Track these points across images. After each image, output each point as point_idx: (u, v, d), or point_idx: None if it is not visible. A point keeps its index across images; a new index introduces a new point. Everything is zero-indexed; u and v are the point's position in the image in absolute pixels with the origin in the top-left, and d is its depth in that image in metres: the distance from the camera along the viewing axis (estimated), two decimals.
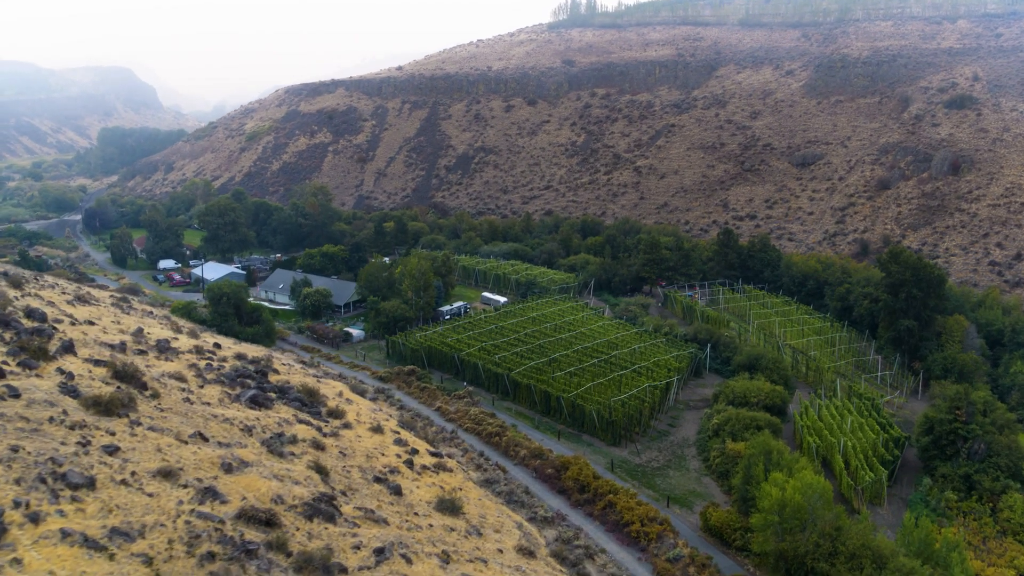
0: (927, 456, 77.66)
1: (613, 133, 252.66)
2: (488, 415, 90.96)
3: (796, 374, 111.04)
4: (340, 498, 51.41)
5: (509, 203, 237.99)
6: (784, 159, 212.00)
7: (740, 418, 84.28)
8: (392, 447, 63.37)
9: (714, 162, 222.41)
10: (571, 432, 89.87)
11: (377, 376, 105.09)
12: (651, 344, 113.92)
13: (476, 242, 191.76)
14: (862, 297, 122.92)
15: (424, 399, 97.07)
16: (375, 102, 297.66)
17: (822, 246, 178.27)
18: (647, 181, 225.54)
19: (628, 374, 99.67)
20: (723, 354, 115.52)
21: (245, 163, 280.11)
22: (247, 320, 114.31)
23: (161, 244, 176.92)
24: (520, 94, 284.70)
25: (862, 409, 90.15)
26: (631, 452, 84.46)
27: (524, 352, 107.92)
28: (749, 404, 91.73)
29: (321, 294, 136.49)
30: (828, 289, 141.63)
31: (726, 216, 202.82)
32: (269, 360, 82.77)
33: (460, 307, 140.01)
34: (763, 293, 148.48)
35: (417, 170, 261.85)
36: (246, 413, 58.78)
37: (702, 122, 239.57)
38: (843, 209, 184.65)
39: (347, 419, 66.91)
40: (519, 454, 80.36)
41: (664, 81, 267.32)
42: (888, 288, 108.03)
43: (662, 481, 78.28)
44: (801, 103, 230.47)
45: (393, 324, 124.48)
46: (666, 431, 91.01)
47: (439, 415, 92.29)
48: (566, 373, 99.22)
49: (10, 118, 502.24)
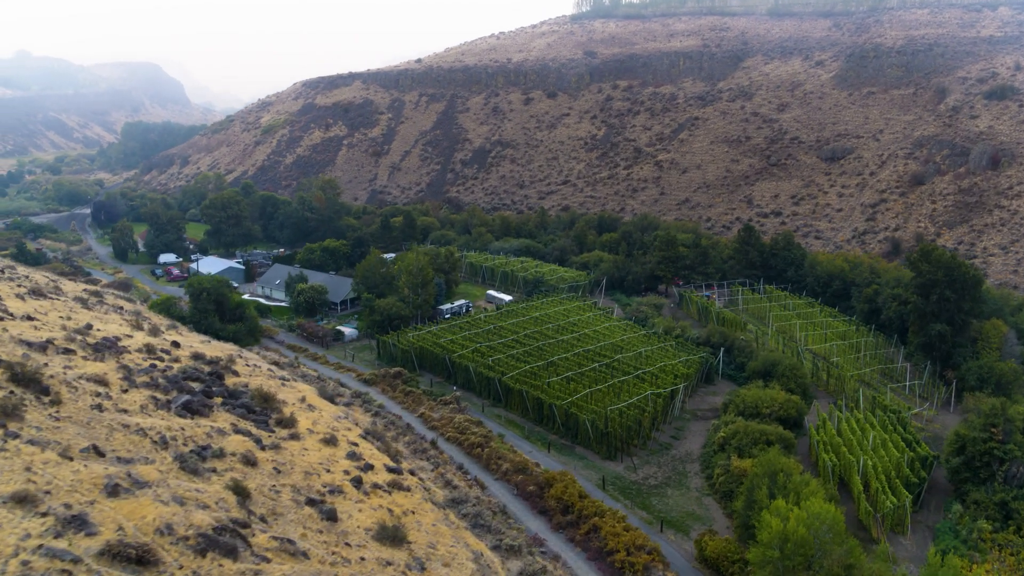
0: (958, 479, 68.99)
1: (634, 126, 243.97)
2: (474, 423, 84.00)
3: (816, 382, 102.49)
4: (256, 526, 43.95)
5: (525, 198, 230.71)
6: (812, 153, 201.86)
7: (748, 431, 76.30)
8: (342, 462, 56.58)
9: (738, 156, 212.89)
10: (564, 443, 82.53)
11: (361, 378, 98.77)
12: (659, 348, 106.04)
13: (487, 238, 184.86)
14: (891, 299, 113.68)
15: (407, 404, 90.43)
16: (392, 95, 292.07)
17: (851, 245, 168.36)
18: (668, 176, 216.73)
19: (630, 380, 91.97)
20: (737, 359, 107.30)
21: (259, 156, 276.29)
22: (230, 317, 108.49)
23: (162, 238, 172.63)
24: (540, 86, 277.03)
25: (886, 423, 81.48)
26: (627, 467, 76.87)
27: (520, 355, 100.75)
28: (760, 416, 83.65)
29: (316, 290, 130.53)
30: (855, 290, 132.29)
31: (750, 212, 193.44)
32: (231, 361, 76.53)
33: (462, 306, 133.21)
34: (785, 294, 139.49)
35: (432, 164, 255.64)
36: (171, 422, 52.14)
37: (727, 115, 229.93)
38: (874, 206, 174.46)
39: (298, 428, 60.26)
40: (501, 468, 73.27)
41: (688, 73, 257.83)
42: (918, 289, 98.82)
43: (659, 501, 70.62)
44: (831, 95, 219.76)
45: (387, 323, 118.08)
46: (669, 444, 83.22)
47: (421, 422, 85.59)
48: (562, 378, 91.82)
49: (37, 113, 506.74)
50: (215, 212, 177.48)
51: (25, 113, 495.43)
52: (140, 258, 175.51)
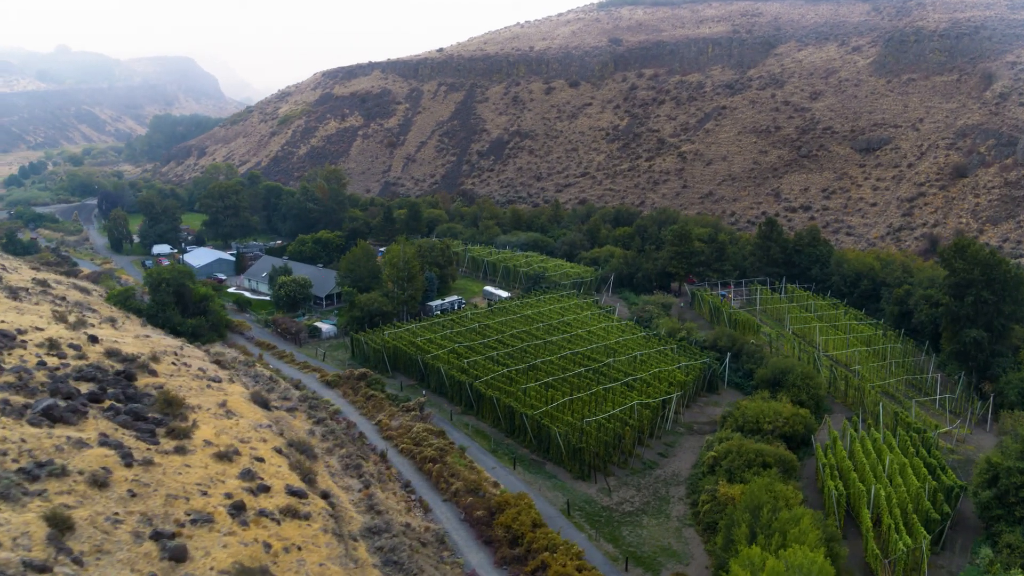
0: (989, 516, 57.76)
1: (659, 116, 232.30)
2: (435, 433, 74.92)
3: (833, 393, 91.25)
4: (62, 568, 35.80)
5: (542, 191, 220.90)
6: (846, 144, 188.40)
7: (742, 451, 65.97)
8: (231, 482, 47.80)
9: (767, 147, 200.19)
10: (534, 459, 72.95)
11: (325, 380, 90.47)
12: (658, 351, 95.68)
13: (494, 231, 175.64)
14: (922, 301, 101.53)
15: (367, 410, 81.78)
16: (410, 84, 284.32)
17: (885, 242, 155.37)
18: (692, 168, 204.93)
19: (617, 388, 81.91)
20: (745, 366, 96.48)
21: (273, 147, 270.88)
22: (193, 310, 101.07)
23: (156, 228, 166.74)
24: (562, 75, 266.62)
25: (908, 444, 70.21)
26: (601, 489, 67.00)
27: (501, 356, 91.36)
28: (761, 432, 73.22)
29: (298, 284, 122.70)
30: (885, 291, 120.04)
31: (777, 207, 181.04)
32: (155, 359, 68.51)
33: (453, 302, 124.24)
34: (808, 294, 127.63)
35: (448, 155, 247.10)
36: (14, 431, 43.68)
37: (756, 103, 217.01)
38: (911, 200, 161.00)
39: (191, 440, 51.66)
40: (452, 487, 64.07)
41: (717, 60, 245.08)
42: (952, 289, 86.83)
43: (631, 532, 60.68)
44: (868, 82, 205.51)
45: (368, 319, 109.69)
46: (654, 462, 73.07)
47: (377, 430, 76.91)
48: (541, 384, 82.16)
49: (70, 106, 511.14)
50: (212, 202, 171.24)
51: (58, 106, 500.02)
52: (135, 249, 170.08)
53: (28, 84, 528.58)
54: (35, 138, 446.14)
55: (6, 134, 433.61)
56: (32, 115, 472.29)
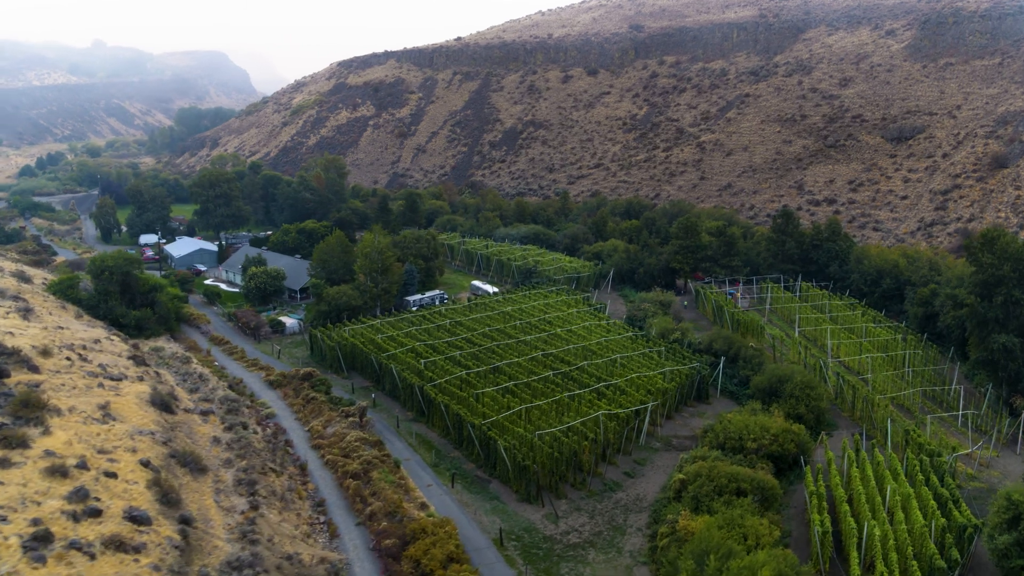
0: (1008, 566, 46.86)
1: (679, 105, 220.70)
2: (371, 443, 66.11)
3: (840, 405, 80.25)
4: None
5: (553, 183, 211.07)
6: (876, 133, 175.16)
7: (714, 475, 55.86)
8: (51, 503, 38.58)
9: (791, 137, 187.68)
10: (479, 476, 63.61)
11: (269, 379, 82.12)
12: (643, 354, 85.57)
13: (494, 222, 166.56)
14: (948, 301, 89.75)
15: (303, 414, 73.25)
16: (425, 74, 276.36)
17: (915, 238, 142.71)
18: (711, 159, 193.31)
19: (585, 395, 72.10)
20: (741, 372, 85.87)
21: (284, 138, 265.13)
22: (141, 301, 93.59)
23: (143, 217, 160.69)
24: (581, 63, 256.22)
25: (917, 469, 59.26)
26: (548, 515, 57.39)
27: (466, 356, 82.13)
28: (744, 451, 62.86)
29: (270, 275, 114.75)
30: (909, 290, 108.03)
31: (800, 200, 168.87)
32: (44, 353, 60.60)
33: (435, 296, 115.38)
34: (824, 293, 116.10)
35: (459, 146, 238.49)
36: None
37: (782, 91, 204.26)
38: (945, 193, 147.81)
39: (28, 450, 43.34)
40: (368, 508, 54.99)
41: (742, 46, 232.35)
42: (978, 288, 75.26)
43: (571, 570, 51.09)
44: (902, 67, 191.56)
45: (336, 314, 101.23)
46: (618, 483, 63.18)
47: (308, 438, 68.21)
48: (499, 389, 72.76)
49: (100, 100, 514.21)
50: (202, 191, 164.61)
51: (87, 100, 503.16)
52: (123, 239, 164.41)
53: (59, 78, 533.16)
54: (62, 131, 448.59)
55: (33, 126, 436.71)
56: (61, 108, 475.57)
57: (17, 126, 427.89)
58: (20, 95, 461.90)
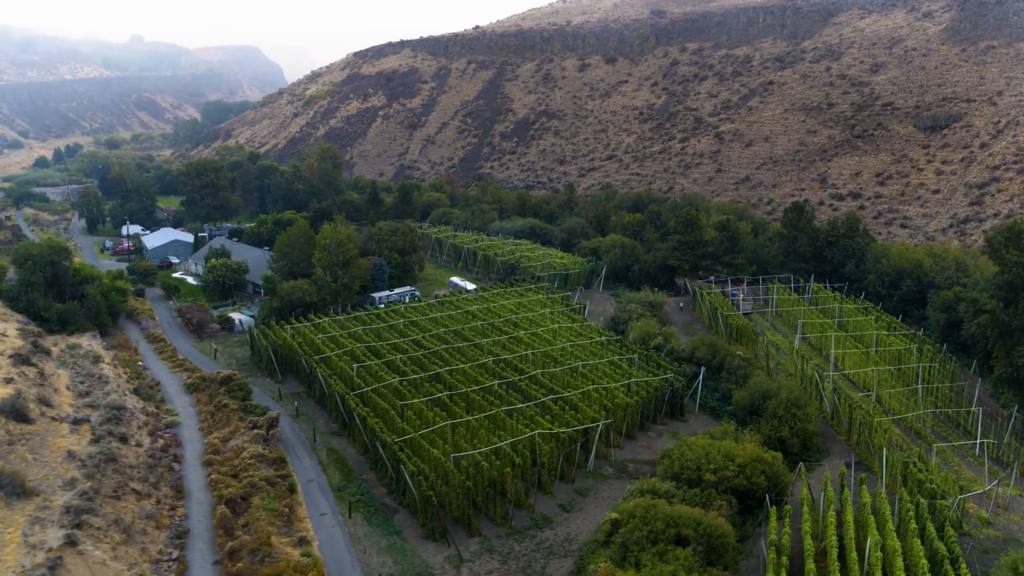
0: None
1: (699, 94, 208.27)
2: (271, 460, 57.19)
3: (836, 427, 68.93)
4: None
5: (564, 175, 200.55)
6: (908, 122, 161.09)
7: (651, 516, 45.63)
8: None
9: (816, 126, 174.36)
10: (386, 505, 54.15)
11: (188, 383, 73.61)
12: (612, 362, 75.24)
13: (490, 215, 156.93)
14: (970, 306, 77.52)
15: (208, 424, 64.79)
16: (439, 63, 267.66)
17: (946, 235, 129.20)
18: (729, 150, 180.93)
19: (527, 410, 62.10)
20: (723, 386, 75.02)
21: (293, 129, 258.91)
22: (70, 293, 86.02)
23: (127, 207, 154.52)
24: (599, 51, 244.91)
25: (912, 516, 48.02)
26: (450, 557, 47.59)
27: (405, 361, 72.73)
28: (702, 483, 52.40)
29: (230, 268, 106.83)
30: (932, 293, 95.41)
31: (822, 194, 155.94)
32: None
33: (405, 293, 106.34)
34: (837, 295, 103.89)
35: (469, 137, 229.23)
36: None
37: (808, 78, 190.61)
38: (982, 186, 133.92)
39: None
40: (230, 544, 45.86)
41: (768, 31, 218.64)
42: (1001, 291, 63.20)
43: None
44: (939, 51, 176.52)
45: (290, 310, 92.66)
46: (550, 517, 53.22)
47: (203, 452, 59.46)
48: (428, 400, 63.21)
49: (131, 93, 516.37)
50: (188, 180, 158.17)
51: (118, 93, 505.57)
52: (108, 230, 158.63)
53: (91, 72, 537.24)
54: (91, 124, 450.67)
55: (62, 120, 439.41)
56: (91, 102, 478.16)
57: (45, 119, 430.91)
58: (51, 88, 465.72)
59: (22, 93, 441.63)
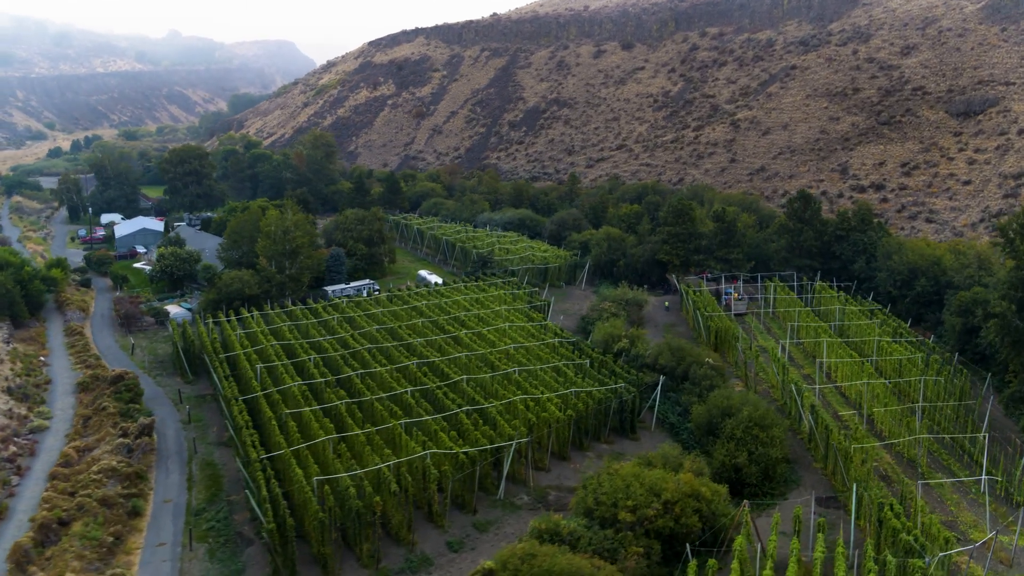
0: None
1: (717, 80, 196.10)
2: (128, 475, 49.47)
3: (813, 452, 58.33)
4: None
5: (571, 166, 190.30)
6: (939, 107, 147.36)
7: (529, 569, 35.94)
8: None
9: (839, 113, 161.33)
10: (241, 535, 45.62)
11: (78, 383, 65.94)
12: (556, 368, 65.51)
13: (481, 206, 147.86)
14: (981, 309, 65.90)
15: (77, 430, 56.85)
16: (452, 50, 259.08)
17: (976, 231, 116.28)
18: (744, 139, 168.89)
19: (432, 423, 52.80)
20: (684, 398, 64.81)
21: (302, 119, 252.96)
22: None
23: (106, 194, 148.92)
24: (616, 37, 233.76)
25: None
26: None
27: (317, 363, 63.98)
28: (616, 523, 42.63)
29: (179, 258, 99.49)
30: (950, 294, 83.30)
31: (842, 185, 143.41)
32: None
33: (362, 286, 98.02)
34: (841, 295, 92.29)
35: (477, 126, 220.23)
36: None
37: (833, 62, 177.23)
38: (1018, 177, 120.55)
39: None
40: None
41: (794, 14, 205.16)
42: (1013, 290, 51.86)
43: None
44: (976, 31, 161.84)
45: (229, 303, 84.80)
46: (431, 559, 44.10)
47: (52, 463, 51.45)
48: (316, 409, 54.33)
49: (163, 87, 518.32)
50: (171, 168, 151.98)
51: (150, 87, 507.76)
52: (91, 218, 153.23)
53: (124, 65, 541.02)
54: (120, 117, 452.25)
55: (91, 112, 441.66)
56: (122, 95, 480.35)
57: (74, 111, 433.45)
58: (81, 81, 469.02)
59: (51, 85, 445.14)
